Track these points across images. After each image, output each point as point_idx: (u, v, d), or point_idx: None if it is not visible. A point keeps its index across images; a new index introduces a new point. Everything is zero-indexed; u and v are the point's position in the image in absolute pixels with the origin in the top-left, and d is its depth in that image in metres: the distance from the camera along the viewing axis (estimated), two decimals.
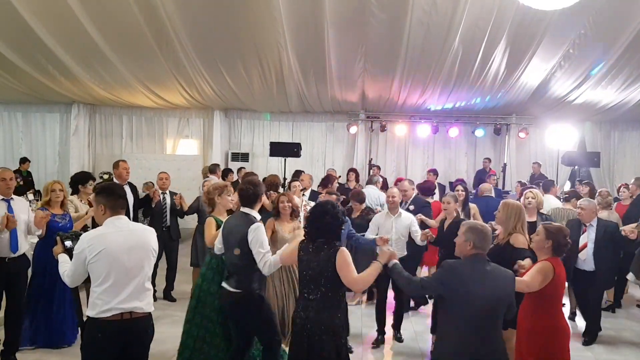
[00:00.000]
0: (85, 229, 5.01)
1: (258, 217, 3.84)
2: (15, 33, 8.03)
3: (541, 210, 5.68)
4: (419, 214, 5.97)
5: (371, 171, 11.93)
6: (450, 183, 11.56)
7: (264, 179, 6.82)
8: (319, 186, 8.13)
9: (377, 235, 5.33)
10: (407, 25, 7.69)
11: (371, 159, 12.73)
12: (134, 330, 3.02)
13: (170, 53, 8.73)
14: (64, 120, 13.08)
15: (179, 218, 7.07)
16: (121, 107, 12.86)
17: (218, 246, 4.00)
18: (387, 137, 12.91)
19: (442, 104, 11.44)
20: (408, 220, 5.60)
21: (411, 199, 6.41)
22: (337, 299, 3.27)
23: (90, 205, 5.63)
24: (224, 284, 3.83)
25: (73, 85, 10.66)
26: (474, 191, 10.61)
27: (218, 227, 4.23)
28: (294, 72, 9.54)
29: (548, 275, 3.53)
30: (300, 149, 11.03)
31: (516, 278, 3.30)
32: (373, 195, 7.56)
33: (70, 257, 3.10)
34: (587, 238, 5.55)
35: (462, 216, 5.78)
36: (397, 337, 5.60)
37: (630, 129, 12.64)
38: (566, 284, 4.90)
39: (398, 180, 10.84)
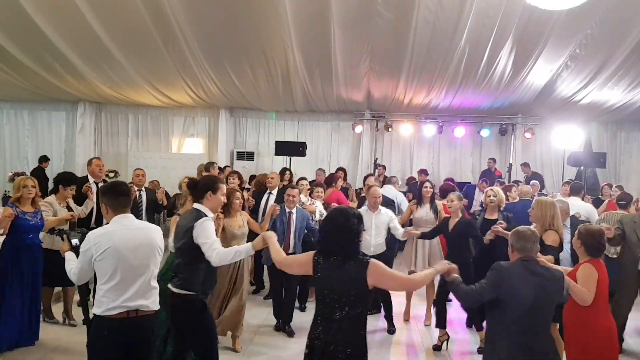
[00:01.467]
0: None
1: (210, 214, 3.54)
2: (22, 31, 8.06)
3: (572, 214, 5.64)
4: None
5: (376, 171, 11.94)
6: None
7: (253, 177, 6.88)
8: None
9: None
10: (413, 25, 7.67)
11: (376, 158, 12.71)
12: (140, 328, 3.02)
13: (176, 51, 8.75)
14: (70, 118, 13.12)
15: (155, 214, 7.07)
16: (127, 105, 12.90)
17: (171, 243, 3.89)
18: (393, 136, 12.90)
19: (448, 104, 11.41)
20: (387, 216, 5.86)
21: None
22: (365, 316, 2.96)
23: (68, 209, 5.47)
24: (169, 285, 3.54)
25: (79, 83, 10.70)
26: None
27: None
28: (300, 71, 9.54)
29: (591, 277, 3.55)
30: (306, 148, 11.04)
31: (570, 292, 3.38)
32: (390, 195, 7.38)
33: (77, 255, 3.11)
34: None
35: (430, 214, 6.11)
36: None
37: (636, 129, 12.58)
38: None
39: (409, 180, 10.85)
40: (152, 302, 3.08)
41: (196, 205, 3.57)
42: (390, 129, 12.47)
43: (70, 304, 5.72)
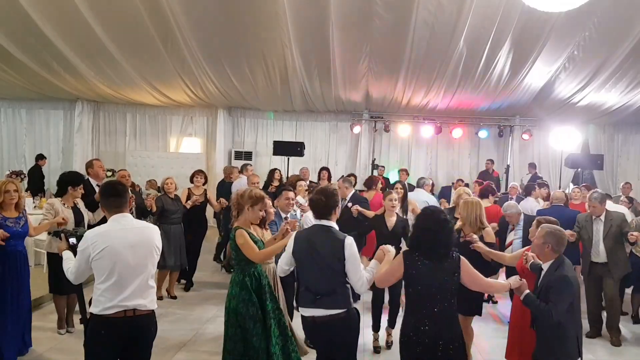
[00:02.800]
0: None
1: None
2: (20, 29, 8.06)
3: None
4: (356, 205, 6.38)
5: (375, 172, 11.96)
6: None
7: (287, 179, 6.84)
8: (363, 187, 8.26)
9: None
10: (412, 26, 7.69)
11: (374, 158, 12.72)
12: (137, 328, 3.01)
13: (174, 51, 8.75)
14: (67, 117, 13.10)
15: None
16: (125, 104, 12.89)
17: (284, 267, 3.49)
18: (391, 137, 12.91)
19: (446, 105, 11.43)
20: None
21: (349, 195, 6.78)
22: (456, 306, 3.18)
23: (75, 210, 5.25)
24: (311, 312, 3.28)
25: (77, 82, 10.69)
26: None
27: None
28: (298, 72, 9.55)
29: None
30: (304, 148, 11.04)
31: None
32: (421, 199, 7.03)
33: (75, 254, 3.10)
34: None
35: (400, 213, 5.97)
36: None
37: (634, 132, 12.62)
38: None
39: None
40: (149, 302, 3.08)
41: (322, 222, 3.37)
42: (388, 130, 12.48)
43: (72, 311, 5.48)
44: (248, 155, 12.79)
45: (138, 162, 12.35)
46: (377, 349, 5.31)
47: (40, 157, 12.07)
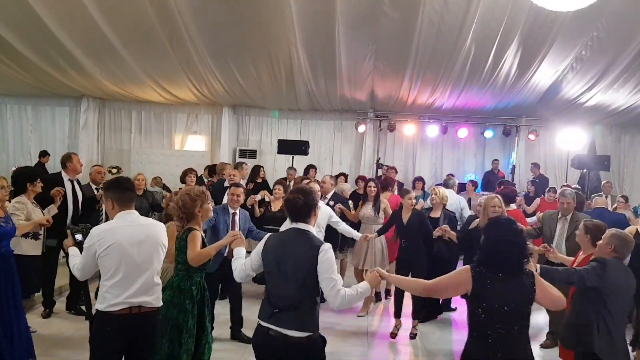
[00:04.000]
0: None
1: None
2: (27, 25, 8.07)
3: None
4: (339, 204, 6.56)
5: (379, 171, 11.91)
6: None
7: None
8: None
9: None
10: (418, 25, 7.66)
11: (379, 158, 12.69)
12: (142, 324, 3.02)
13: (180, 49, 8.74)
14: (73, 114, 13.13)
15: None
16: (130, 101, 12.90)
17: (249, 272, 3.08)
18: (396, 136, 12.86)
19: (452, 104, 11.39)
20: (325, 213, 5.89)
21: (330, 194, 6.87)
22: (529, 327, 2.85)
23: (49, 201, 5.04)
24: (271, 325, 2.84)
25: (83, 79, 10.71)
26: (482, 192, 10.60)
27: (203, 244, 3.67)
28: (304, 70, 9.53)
29: None
30: (308, 147, 11.04)
31: None
32: (451, 199, 6.90)
33: (81, 251, 3.10)
34: None
35: (372, 211, 6.37)
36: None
37: None
38: None
39: (416, 179, 10.80)
40: (155, 299, 3.08)
41: (298, 225, 3.00)
42: (393, 129, 12.44)
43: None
44: (252, 154, 12.78)
45: (143, 160, 12.37)
46: (393, 335, 5.69)
47: (43, 154, 12.03)
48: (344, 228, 6.15)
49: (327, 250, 2.84)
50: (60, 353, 4.85)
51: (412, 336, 5.71)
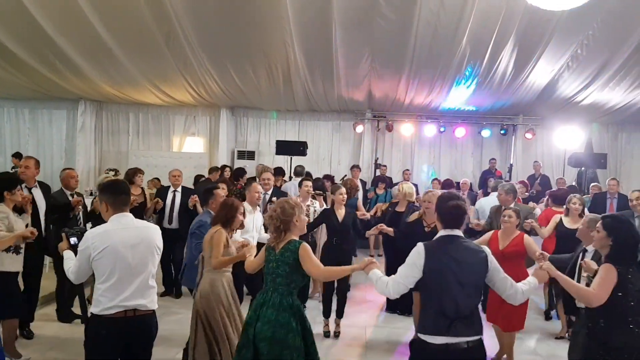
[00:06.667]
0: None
1: None
2: (23, 29, 8.06)
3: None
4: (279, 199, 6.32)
5: (377, 171, 11.95)
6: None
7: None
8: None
9: None
10: (415, 25, 7.67)
11: (377, 158, 12.71)
12: (137, 328, 3.01)
13: (177, 50, 8.75)
14: (70, 116, 13.10)
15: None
16: (128, 104, 12.90)
17: (409, 281, 2.91)
18: (394, 136, 12.88)
19: (450, 104, 11.41)
20: (259, 219, 5.58)
21: (271, 190, 6.74)
22: None
23: (18, 211, 4.67)
24: (452, 339, 2.77)
25: (80, 81, 10.70)
26: (479, 191, 10.62)
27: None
28: (301, 71, 9.53)
29: None
30: (307, 148, 11.04)
31: None
32: (491, 204, 6.70)
33: (75, 254, 3.10)
34: None
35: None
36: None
37: (637, 130, 12.54)
38: None
39: (379, 180, 10.89)
40: (149, 302, 3.07)
41: (447, 231, 3.02)
42: (391, 129, 12.46)
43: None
44: (251, 155, 12.79)
45: (141, 162, 12.30)
46: (326, 334, 5.65)
47: (17, 155, 11.29)
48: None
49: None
50: (57, 356, 4.85)
51: (337, 334, 5.70)
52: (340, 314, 5.77)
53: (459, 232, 2.95)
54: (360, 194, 9.15)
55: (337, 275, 3.81)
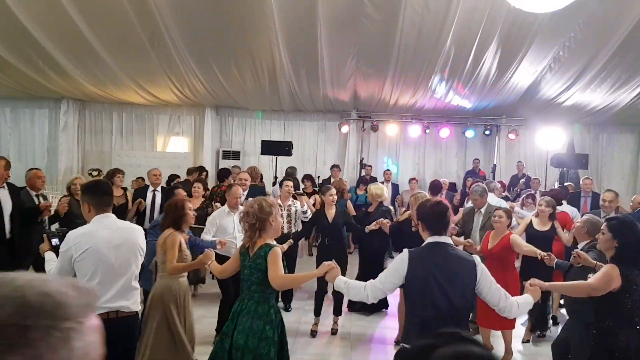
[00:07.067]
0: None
1: None
2: (5, 27, 7.94)
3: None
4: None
5: (363, 171, 11.97)
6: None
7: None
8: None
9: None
10: (400, 26, 7.71)
11: (362, 158, 12.75)
12: (120, 329, 2.98)
13: (161, 50, 8.68)
14: (53, 116, 12.91)
15: None
16: (111, 103, 12.76)
17: (389, 287, 2.89)
18: (379, 136, 12.93)
19: (434, 104, 11.47)
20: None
21: (247, 189, 6.76)
22: None
23: None
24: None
25: (63, 80, 10.56)
26: (458, 191, 10.70)
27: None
28: (286, 71, 9.52)
29: None
30: (292, 148, 11.03)
31: None
32: (492, 204, 6.42)
33: (57, 255, 3.07)
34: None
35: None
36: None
37: (618, 131, 12.75)
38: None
39: (361, 182, 10.99)
40: (132, 303, 3.05)
41: (434, 238, 2.95)
42: (376, 130, 12.51)
43: None
44: (236, 155, 12.74)
45: (124, 162, 12.21)
46: (313, 333, 5.60)
47: None
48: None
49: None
50: None
51: (334, 332, 5.73)
52: (338, 311, 5.76)
53: (446, 239, 2.90)
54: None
55: (295, 284, 3.81)
